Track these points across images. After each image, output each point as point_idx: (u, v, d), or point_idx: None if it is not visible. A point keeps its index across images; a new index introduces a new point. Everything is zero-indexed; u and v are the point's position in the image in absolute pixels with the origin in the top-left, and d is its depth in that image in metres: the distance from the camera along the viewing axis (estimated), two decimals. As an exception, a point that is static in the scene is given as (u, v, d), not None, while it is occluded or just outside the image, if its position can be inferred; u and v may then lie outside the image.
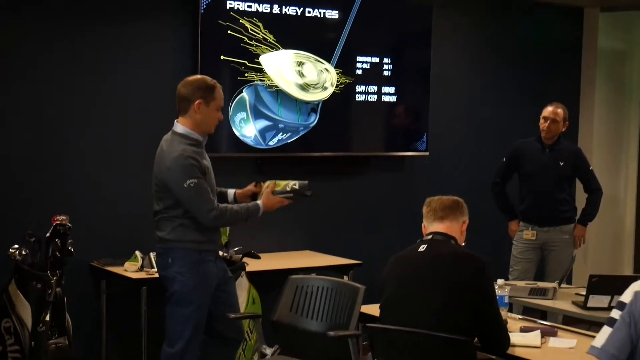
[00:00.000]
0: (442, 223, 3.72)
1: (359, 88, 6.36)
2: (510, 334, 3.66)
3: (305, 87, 6.11)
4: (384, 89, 6.47)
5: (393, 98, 6.52)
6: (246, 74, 5.87)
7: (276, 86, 6.00)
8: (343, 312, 4.18)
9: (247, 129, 5.92)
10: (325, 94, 6.21)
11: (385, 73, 6.48)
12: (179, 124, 4.36)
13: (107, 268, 5.37)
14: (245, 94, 5.88)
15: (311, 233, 6.33)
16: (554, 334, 3.91)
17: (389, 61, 6.48)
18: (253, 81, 5.91)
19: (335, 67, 6.23)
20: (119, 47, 5.56)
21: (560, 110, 6.00)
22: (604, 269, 7.33)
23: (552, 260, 6.06)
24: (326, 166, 6.33)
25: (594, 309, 4.62)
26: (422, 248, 3.66)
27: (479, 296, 3.49)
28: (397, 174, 6.78)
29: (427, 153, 6.73)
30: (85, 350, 5.36)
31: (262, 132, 5.98)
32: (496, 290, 3.75)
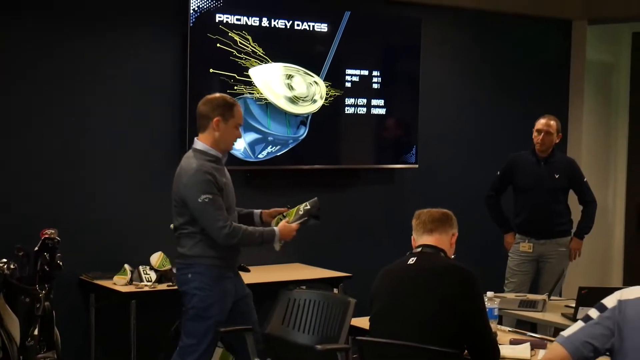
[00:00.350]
0: (432, 236, 3.72)
1: (348, 101, 6.37)
2: (500, 347, 3.66)
3: (294, 100, 6.11)
4: (373, 102, 6.48)
5: (382, 111, 6.53)
6: (235, 87, 5.87)
7: (265, 99, 6.01)
8: (333, 325, 4.18)
9: (237, 142, 5.89)
10: (314, 107, 6.22)
11: (374, 86, 6.49)
12: (199, 141, 4.41)
13: (96, 282, 5.36)
14: (234, 107, 5.87)
15: (301, 246, 6.31)
16: (544, 347, 3.91)
17: (378, 74, 6.50)
18: (242, 94, 5.91)
19: (324, 80, 6.24)
20: (109, 61, 5.56)
21: (553, 122, 6.02)
22: (593, 281, 7.34)
23: (547, 272, 6.06)
24: (316, 179, 6.33)
25: (584, 321, 4.62)
26: (412, 261, 3.65)
27: (469, 309, 3.49)
28: (387, 187, 6.78)
29: (417, 165, 6.74)
30: (74, 364, 5.35)
31: (252, 145, 5.98)
32: (486, 302, 3.75)
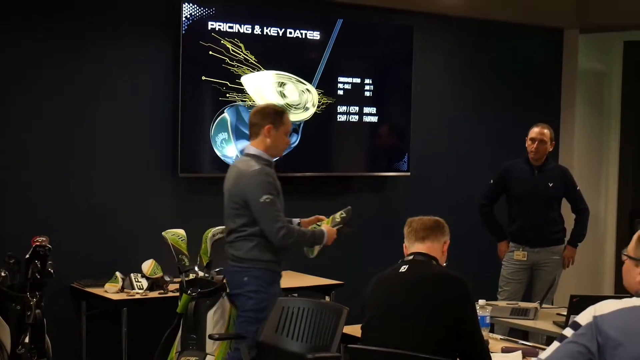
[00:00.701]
0: (424, 243, 3.71)
1: (341, 108, 6.38)
2: (492, 355, 3.66)
3: (286, 108, 6.11)
4: (366, 110, 6.48)
5: (374, 118, 6.54)
6: (227, 95, 5.87)
7: (258, 106, 6.00)
8: (326, 333, 4.17)
9: (229, 149, 5.91)
10: (306, 115, 6.22)
11: (366, 93, 6.50)
12: (252, 147, 4.59)
13: (88, 289, 5.35)
14: (226, 115, 5.88)
15: (293, 253, 6.31)
16: (535, 355, 3.90)
17: (370, 81, 6.50)
18: (234, 102, 5.91)
19: (316, 88, 6.25)
20: (101, 68, 5.56)
21: (546, 130, 6.03)
22: (585, 289, 7.35)
23: (541, 280, 6.06)
24: (308, 186, 6.33)
25: (575, 329, 4.62)
26: (404, 269, 3.65)
27: (461, 317, 3.48)
28: (379, 194, 6.79)
29: (409, 173, 6.74)
30: (65, 372, 5.33)
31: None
32: (478, 310, 3.75)
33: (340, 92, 6.37)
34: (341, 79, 6.38)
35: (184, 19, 5.65)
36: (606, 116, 8.08)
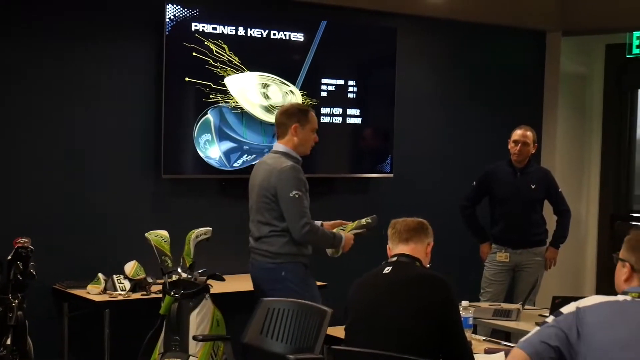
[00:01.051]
0: (407, 245, 3.73)
1: (324, 110, 6.38)
2: (475, 356, 3.67)
3: (270, 109, 6.11)
4: (349, 111, 6.49)
5: (358, 120, 6.54)
6: (211, 96, 5.86)
7: (241, 108, 6.00)
8: (310, 335, 4.18)
9: (212, 151, 5.91)
10: (290, 116, 6.21)
11: (350, 95, 6.51)
12: (280, 144, 4.80)
13: (70, 291, 5.32)
14: (210, 116, 5.87)
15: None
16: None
17: (354, 83, 6.51)
18: (218, 103, 5.90)
19: (300, 89, 6.25)
20: (85, 68, 5.54)
21: (529, 132, 6.06)
22: (567, 291, 7.39)
23: (523, 281, 6.10)
24: (291, 188, 6.31)
25: (558, 330, 4.64)
26: (387, 270, 3.66)
27: (445, 318, 3.50)
28: (362, 196, 6.79)
29: (392, 175, 6.76)
30: (46, 374, 5.30)
31: (227, 154, 5.97)
32: (461, 311, 3.76)
33: (323, 94, 6.37)
34: (325, 81, 6.38)
35: (168, 20, 5.64)
36: (588, 118, 8.12)
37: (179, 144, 5.81)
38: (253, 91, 6.05)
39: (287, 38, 6.19)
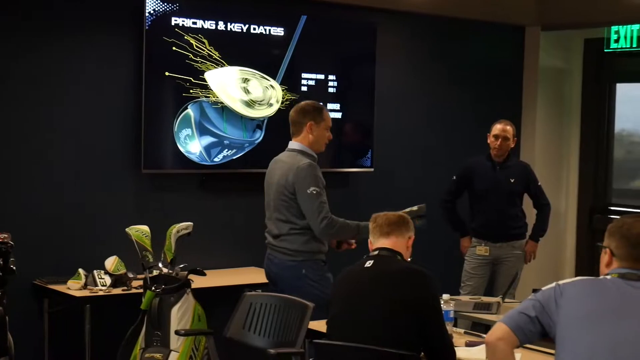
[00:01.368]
0: (388, 239, 3.75)
1: (305, 105, 6.37)
2: (456, 349, 3.69)
3: (250, 104, 6.11)
4: (329, 106, 6.48)
5: (338, 115, 6.55)
6: (191, 91, 5.85)
7: (221, 103, 6.00)
8: (291, 329, 4.19)
9: (192, 146, 5.90)
10: (270, 111, 6.22)
11: (330, 90, 6.51)
12: (296, 142, 4.84)
13: (50, 286, 5.30)
14: (190, 111, 5.86)
15: (256, 249, 6.30)
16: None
17: (334, 78, 6.52)
18: (198, 97, 5.89)
19: (280, 84, 6.25)
20: (64, 63, 5.51)
21: (509, 127, 6.10)
22: (546, 283, 7.34)
23: (503, 274, 6.13)
24: (272, 183, 6.32)
25: (537, 323, 4.67)
26: (369, 264, 3.68)
27: (426, 311, 3.52)
28: (342, 190, 6.79)
29: (372, 169, 6.77)
30: (27, 370, 5.28)
31: (207, 149, 5.96)
32: (442, 305, 3.78)
33: (304, 89, 6.37)
34: (305, 75, 6.38)
35: (148, 15, 5.62)
36: (567, 113, 8.16)
37: (159, 139, 5.80)
38: (233, 86, 6.05)
39: (267, 33, 6.18)
